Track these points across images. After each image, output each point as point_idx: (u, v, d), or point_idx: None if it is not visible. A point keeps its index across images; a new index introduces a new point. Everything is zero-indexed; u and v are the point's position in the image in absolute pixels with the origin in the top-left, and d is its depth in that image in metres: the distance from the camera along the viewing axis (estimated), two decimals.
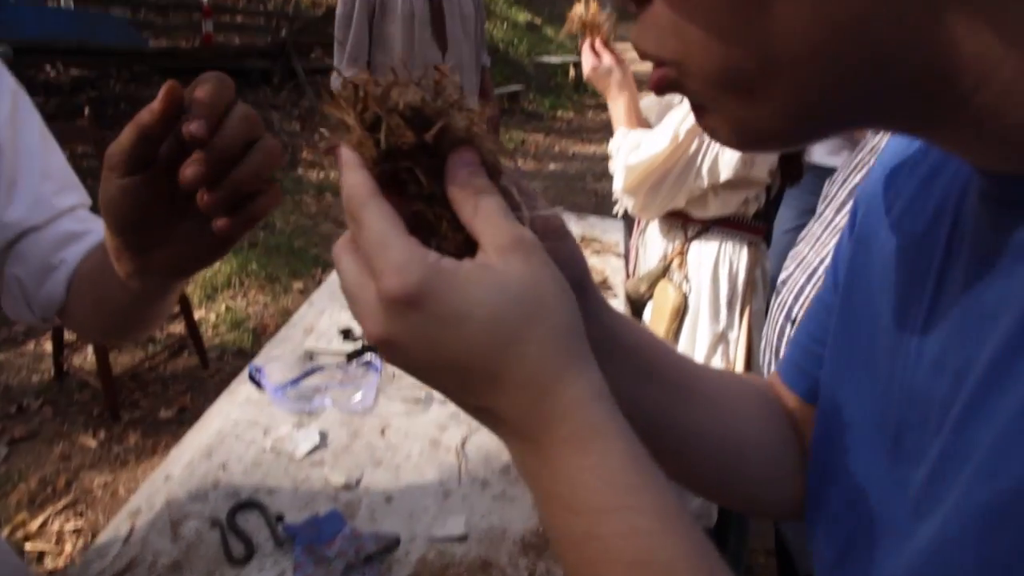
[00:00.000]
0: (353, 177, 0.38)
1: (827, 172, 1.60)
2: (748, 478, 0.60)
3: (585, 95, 11.64)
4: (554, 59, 11.73)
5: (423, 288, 0.34)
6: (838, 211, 1.24)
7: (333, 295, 1.87)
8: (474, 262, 0.36)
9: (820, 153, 2.39)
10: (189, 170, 0.48)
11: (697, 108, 0.38)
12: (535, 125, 9.54)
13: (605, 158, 1.92)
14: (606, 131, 2.60)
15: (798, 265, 1.27)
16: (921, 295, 0.42)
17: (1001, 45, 0.30)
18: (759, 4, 0.31)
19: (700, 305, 1.77)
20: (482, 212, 0.37)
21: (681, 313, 1.79)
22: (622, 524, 0.34)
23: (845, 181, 1.25)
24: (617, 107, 1.77)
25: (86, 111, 3.01)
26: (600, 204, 5.92)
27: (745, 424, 0.59)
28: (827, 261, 1.02)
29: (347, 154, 0.38)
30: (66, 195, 0.78)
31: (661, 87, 0.38)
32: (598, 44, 1.74)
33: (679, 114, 1.59)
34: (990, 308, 0.35)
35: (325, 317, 1.71)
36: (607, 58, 1.73)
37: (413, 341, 0.35)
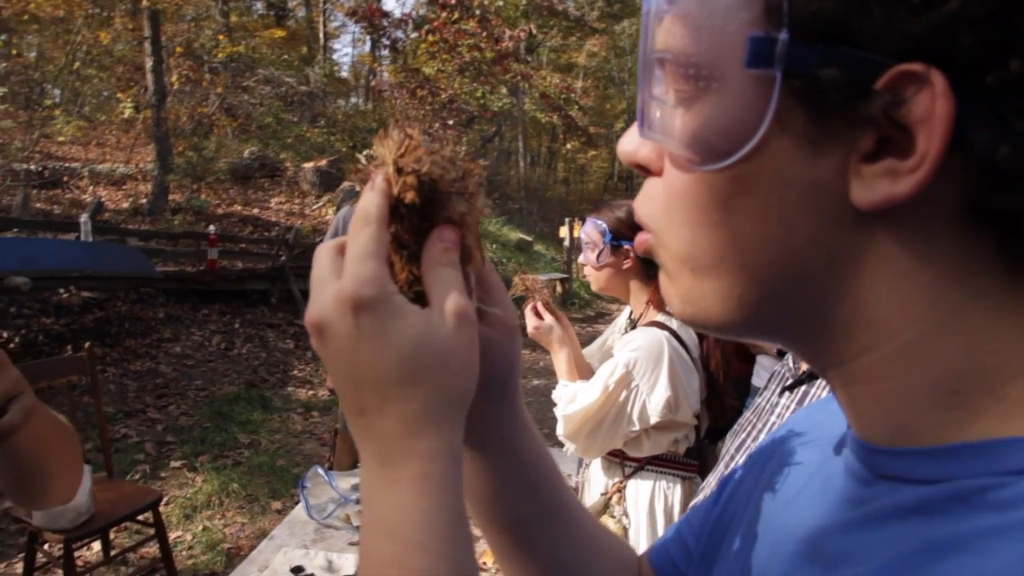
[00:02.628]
0: (374, 199, 0.43)
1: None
2: None
3: (572, 309, 12.12)
4: (540, 277, 12.35)
5: (371, 302, 0.40)
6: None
7: (292, 530, 1.98)
8: (419, 310, 0.42)
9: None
10: None
11: (663, 276, 0.44)
12: (521, 341, 9.82)
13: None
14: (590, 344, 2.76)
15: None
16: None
17: (909, 313, 0.34)
18: (728, 211, 0.37)
19: (639, 539, 1.86)
20: (442, 280, 0.43)
21: None
22: (426, 563, 0.39)
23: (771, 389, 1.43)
24: (559, 361, 1.96)
25: (86, 345, 3.24)
26: None
27: (594, 569, 0.62)
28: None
29: (381, 182, 0.44)
30: None
31: (644, 248, 0.44)
32: (539, 306, 1.98)
33: (608, 368, 1.79)
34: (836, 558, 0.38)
35: (280, 555, 1.81)
36: (548, 318, 1.97)
37: (337, 337, 0.41)
